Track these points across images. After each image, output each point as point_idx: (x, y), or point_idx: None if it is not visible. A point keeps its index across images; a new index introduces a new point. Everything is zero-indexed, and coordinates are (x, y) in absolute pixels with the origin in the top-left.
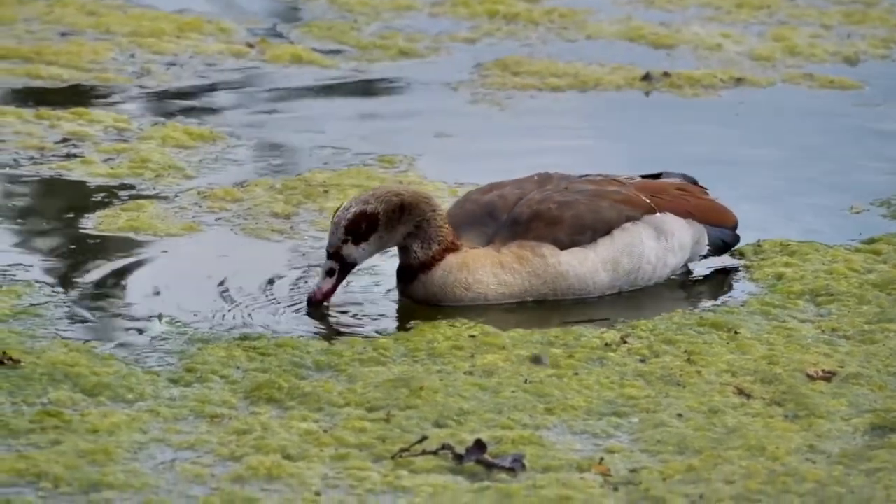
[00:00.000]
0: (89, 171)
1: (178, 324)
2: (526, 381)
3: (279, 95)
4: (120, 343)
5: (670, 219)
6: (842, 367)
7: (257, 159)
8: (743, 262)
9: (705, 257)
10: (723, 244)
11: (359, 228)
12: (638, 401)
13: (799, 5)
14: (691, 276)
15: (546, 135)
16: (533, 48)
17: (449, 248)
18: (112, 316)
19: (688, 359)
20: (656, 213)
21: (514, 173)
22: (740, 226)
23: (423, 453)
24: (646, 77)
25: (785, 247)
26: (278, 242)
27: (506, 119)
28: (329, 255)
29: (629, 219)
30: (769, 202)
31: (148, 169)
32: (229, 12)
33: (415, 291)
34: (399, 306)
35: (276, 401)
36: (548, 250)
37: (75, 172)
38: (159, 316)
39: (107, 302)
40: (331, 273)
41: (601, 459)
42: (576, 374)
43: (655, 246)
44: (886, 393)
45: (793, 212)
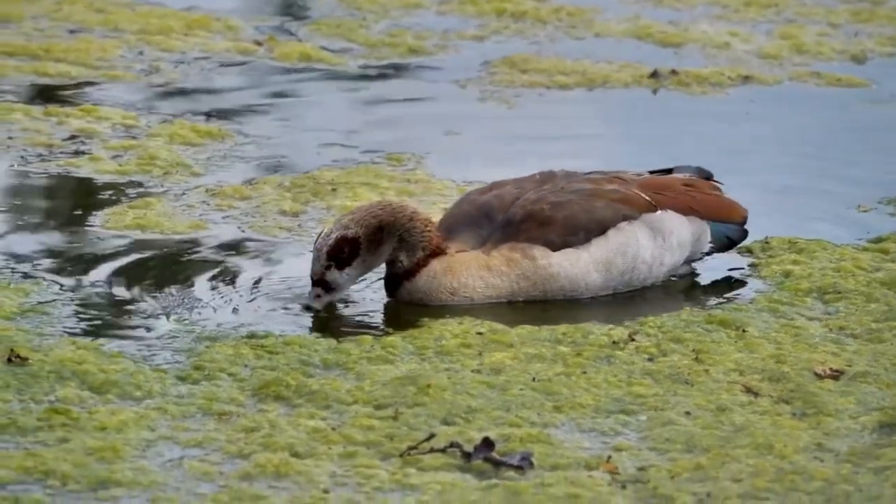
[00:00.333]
0: (97, 168)
1: (185, 322)
2: (534, 379)
3: (287, 93)
4: (128, 341)
5: (669, 217)
6: (850, 366)
7: (265, 157)
8: (751, 259)
9: (709, 254)
10: (728, 241)
11: (341, 254)
12: (646, 399)
13: (806, 4)
14: (699, 274)
15: (554, 132)
16: (541, 46)
17: (434, 252)
18: (120, 314)
19: (696, 357)
20: (656, 212)
21: (522, 171)
22: (748, 223)
23: (431, 451)
24: (654, 75)
25: (793, 244)
26: (286, 241)
27: (514, 117)
28: (314, 283)
29: (625, 218)
30: (777, 200)
31: (156, 166)
32: (237, 10)
33: (400, 298)
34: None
35: (284, 398)
36: (538, 252)
37: (83, 169)
38: (167, 314)
39: (115, 300)
40: (318, 298)
41: (609, 457)
42: (584, 373)
43: (651, 245)
44: (894, 391)
45: (800, 210)
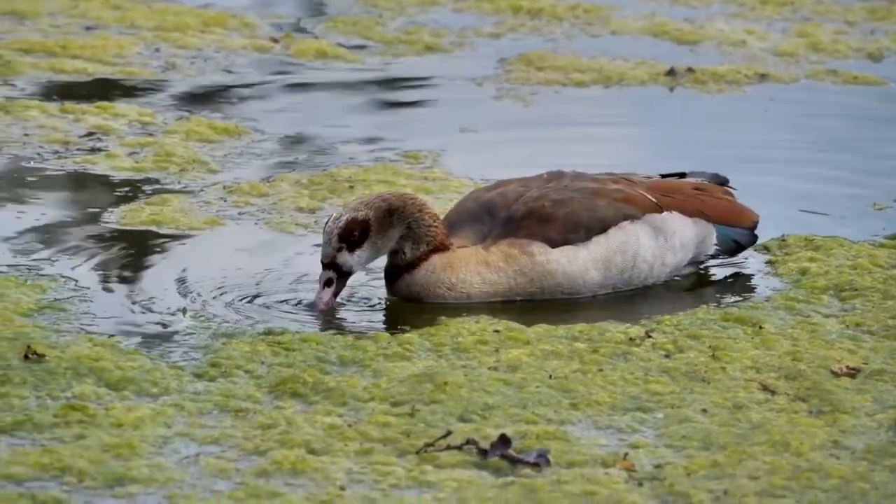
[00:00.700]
0: (114, 165)
1: (202, 319)
2: (550, 376)
3: (304, 90)
4: (144, 338)
5: (673, 218)
6: (866, 363)
7: (282, 154)
8: (767, 257)
9: (714, 257)
10: (736, 244)
11: (352, 236)
12: (662, 396)
13: (823, 2)
14: (715, 272)
15: (570, 130)
16: (557, 43)
17: (437, 248)
18: (137, 311)
19: (712, 354)
20: (660, 213)
21: (538, 169)
22: (764, 221)
23: (448, 448)
24: (670, 73)
25: (809, 242)
26: (302, 237)
27: (530, 114)
28: (325, 266)
29: (627, 217)
30: (793, 197)
31: (172, 163)
32: (254, 7)
33: (399, 290)
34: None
35: (301, 395)
36: (537, 248)
37: (100, 166)
38: (183, 310)
39: (131, 296)
40: (329, 283)
41: (626, 455)
42: (600, 370)
43: (652, 245)
44: None
45: (817, 207)
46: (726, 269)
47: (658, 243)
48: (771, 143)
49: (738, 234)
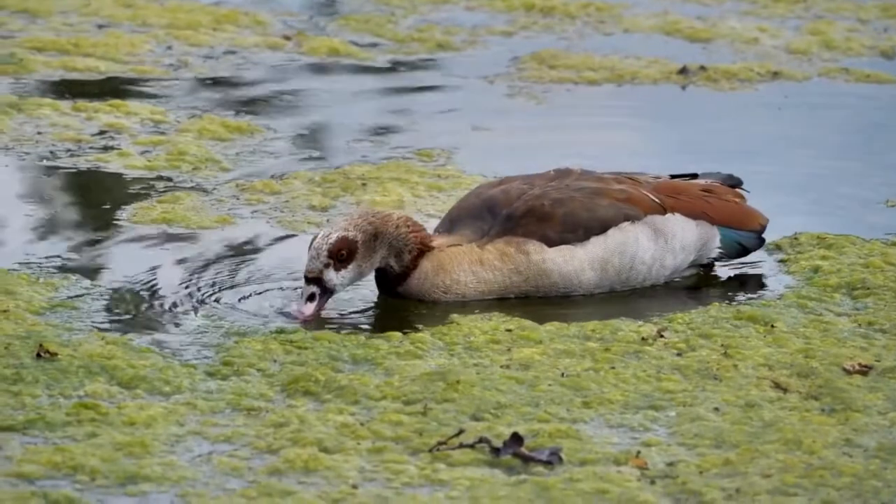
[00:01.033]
0: (126, 163)
1: (214, 317)
2: (563, 374)
3: (316, 88)
4: (157, 336)
5: (675, 219)
6: (878, 361)
7: (294, 152)
8: (780, 255)
9: (718, 260)
10: (740, 247)
11: (340, 254)
12: (675, 394)
13: None
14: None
15: (582, 128)
16: (569, 42)
17: (421, 250)
18: (149, 309)
19: (724, 352)
20: (662, 214)
21: (550, 167)
22: (776, 219)
23: (460, 447)
24: (682, 71)
25: (821, 240)
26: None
27: (542, 112)
28: (308, 281)
29: (628, 218)
30: (805, 195)
31: (185, 161)
32: (266, 5)
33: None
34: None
35: (313, 394)
36: (533, 247)
37: (112, 165)
38: (196, 309)
39: (143, 295)
40: (311, 298)
41: (638, 453)
42: (612, 368)
43: (652, 247)
44: None
45: (829, 205)
46: (738, 267)
47: (658, 245)
48: (783, 140)
49: (743, 238)
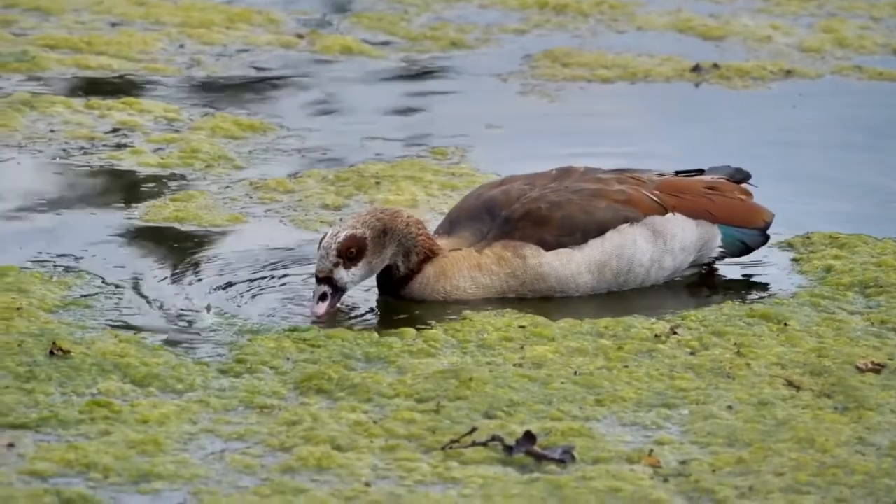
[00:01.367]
0: (139, 161)
1: (227, 315)
2: (575, 372)
3: (329, 86)
4: (170, 334)
5: (675, 220)
6: (891, 360)
7: (307, 150)
8: (792, 254)
9: (719, 259)
10: (743, 246)
11: (349, 252)
12: (688, 393)
13: None
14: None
15: (596, 126)
16: (583, 39)
17: (427, 255)
18: (162, 307)
19: (737, 351)
20: (663, 214)
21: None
22: (789, 218)
23: (473, 444)
24: (695, 69)
25: (834, 239)
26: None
27: (555, 110)
28: (319, 280)
29: (627, 220)
30: (818, 194)
31: (198, 159)
32: (279, 3)
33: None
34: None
35: (326, 392)
36: (530, 251)
37: (125, 162)
38: (207, 307)
39: (156, 293)
40: (323, 297)
41: (651, 451)
42: (625, 366)
43: (650, 249)
44: None
45: (842, 204)
46: (752, 266)
47: (657, 247)
48: (796, 139)
49: (746, 236)
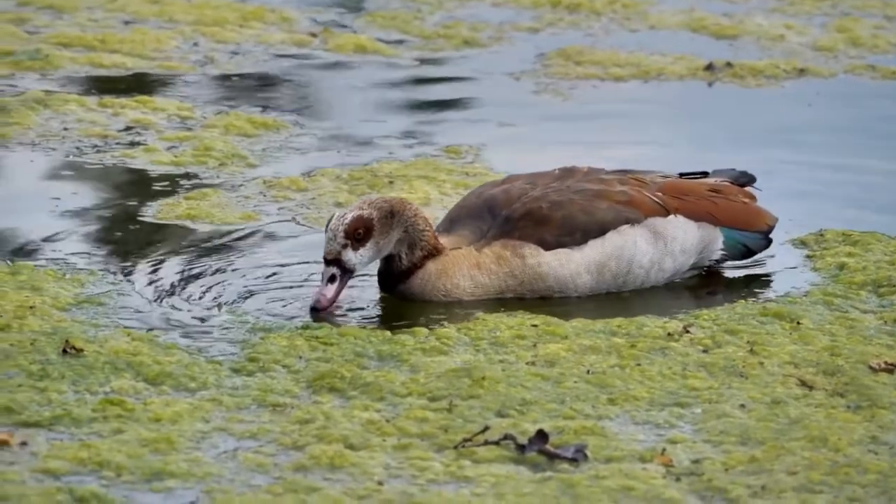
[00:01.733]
0: (152, 159)
1: (240, 313)
2: (588, 371)
3: (342, 85)
4: (183, 332)
5: (676, 222)
6: None
7: (321, 149)
8: (805, 252)
9: (720, 262)
10: (745, 249)
11: (356, 233)
12: (700, 391)
13: None
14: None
15: (609, 125)
16: (595, 38)
17: (431, 252)
18: (174, 305)
19: (750, 349)
20: (664, 216)
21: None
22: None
23: (486, 443)
24: (708, 67)
25: (847, 237)
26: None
27: (569, 109)
28: (328, 262)
29: (628, 221)
30: (831, 192)
31: (211, 157)
32: (292, 1)
33: (394, 295)
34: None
35: (339, 390)
36: (529, 250)
37: (138, 161)
38: (219, 305)
39: (169, 291)
40: (332, 280)
41: (663, 450)
42: (638, 365)
43: (651, 250)
44: None
45: (855, 202)
46: (764, 264)
47: (657, 248)
48: (809, 137)
49: (748, 239)
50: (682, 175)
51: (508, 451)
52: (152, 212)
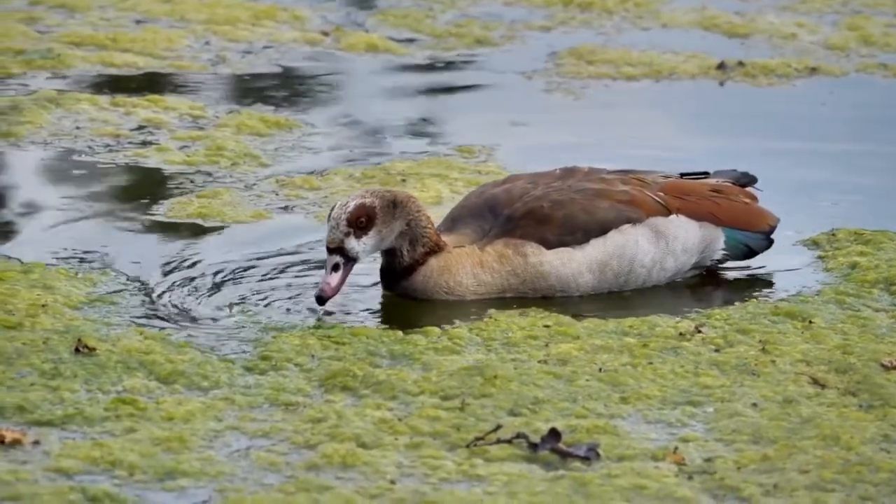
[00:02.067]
0: (165, 158)
1: (252, 312)
2: (600, 370)
3: (354, 84)
4: (195, 331)
5: (678, 222)
6: None
7: (333, 148)
8: (817, 251)
9: (722, 262)
10: (747, 249)
11: (359, 222)
12: (712, 390)
13: None
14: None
15: (621, 124)
16: (608, 37)
17: (433, 249)
18: (187, 304)
19: (762, 348)
20: (666, 216)
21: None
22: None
23: (498, 442)
24: (720, 66)
25: (859, 236)
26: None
27: (581, 108)
28: (331, 251)
29: (630, 220)
30: (842, 191)
31: (223, 157)
32: (304, 0)
33: (396, 292)
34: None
35: (351, 389)
36: (531, 249)
37: (151, 160)
38: (230, 304)
39: (181, 290)
40: (336, 268)
41: (676, 449)
42: (650, 364)
43: (652, 250)
44: None
45: (867, 200)
46: (776, 263)
47: (658, 248)
48: (820, 136)
49: (749, 239)
50: (683, 175)
51: (521, 449)
52: (164, 211)
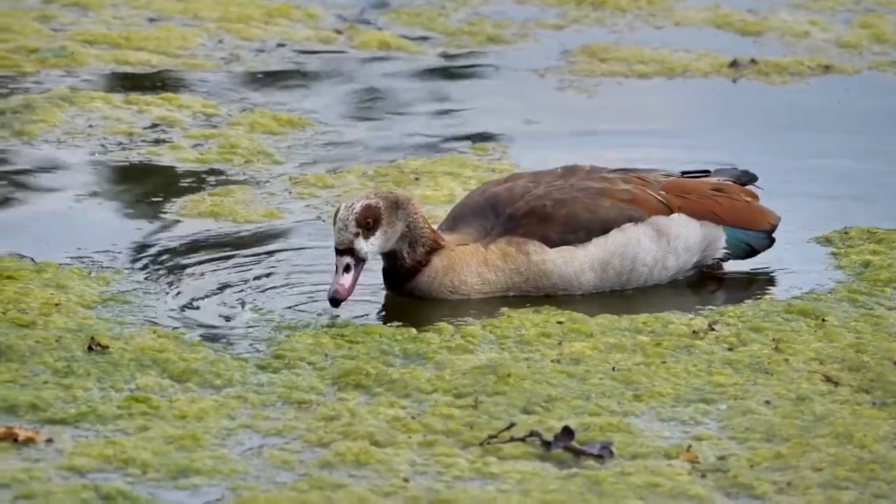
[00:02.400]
0: (178, 156)
1: (265, 310)
2: (614, 368)
3: (367, 82)
4: (208, 329)
5: (679, 220)
6: None
7: (346, 146)
8: (830, 249)
9: (724, 260)
10: (748, 248)
11: (367, 222)
12: (726, 388)
13: None
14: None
15: (633, 122)
16: (620, 35)
17: (433, 248)
18: (200, 303)
19: (775, 346)
20: (668, 215)
21: (602, 160)
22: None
23: (511, 440)
24: (733, 64)
25: (872, 234)
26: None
27: (593, 106)
28: (340, 252)
29: (631, 219)
30: (855, 190)
31: (237, 155)
32: None
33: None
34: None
35: (364, 387)
36: (533, 247)
37: (164, 158)
38: (243, 303)
39: (194, 288)
40: (347, 269)
41: (689, 447)
42: (663, 362)
43: (654, 248)
44: None
45: (879, 199)
46: (788, 261)
47: (660, 246)
48: (833, 134)
49: (751, 238)
50: (684, 174)
51: (534, 447)
52: (177, 209)
